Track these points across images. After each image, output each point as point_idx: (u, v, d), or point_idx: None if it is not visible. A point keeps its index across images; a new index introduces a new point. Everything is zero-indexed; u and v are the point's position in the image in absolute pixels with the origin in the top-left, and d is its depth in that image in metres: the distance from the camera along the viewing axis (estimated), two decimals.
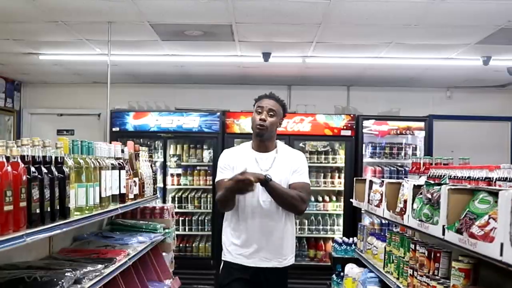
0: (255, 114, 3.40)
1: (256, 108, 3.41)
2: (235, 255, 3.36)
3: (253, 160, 3.36)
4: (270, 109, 3.37)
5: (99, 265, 2.84)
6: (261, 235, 3.31)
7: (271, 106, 3.38)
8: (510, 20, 4.48)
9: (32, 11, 4.52)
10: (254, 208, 3.30)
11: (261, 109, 3.37)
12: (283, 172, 3.36)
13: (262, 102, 3.41)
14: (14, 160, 2.03)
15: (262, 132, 3.35)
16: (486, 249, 1.94)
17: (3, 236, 1.89)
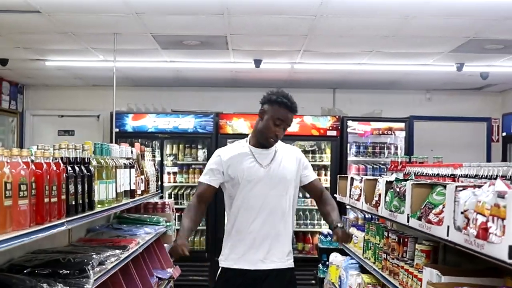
0: (271, 123, 3.10)
1: (275, 118, 3.10)
2: (236, 259, 3.14)
3: (252, 156, 3.17)
4: (288, 125, 3.17)
5: (116, 250, 3.31)
6: (269, 233, 3.13)
7: (290, 122, 3.17)
8: (476, 32, 4.99)
9: (46, 24, 4.94)
10: (257, 204, 3.13)
11: (281, 122, 3.11)
12: (286, 166, 3.20)
13: (285, 115, 3.11)
14: (56, 161, 2.49)
15: (272, 144, 3.19)
16: (437, 231, 2.43)
17: (51, 222, 2.35)
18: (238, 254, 3.14)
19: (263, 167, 3.15)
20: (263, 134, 3.15)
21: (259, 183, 3.12)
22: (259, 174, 3.14)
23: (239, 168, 3.14)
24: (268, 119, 3.11)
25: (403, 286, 3.08)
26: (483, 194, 2.00)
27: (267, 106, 3.14)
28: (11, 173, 2.02)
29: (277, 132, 3.12)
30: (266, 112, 3.14)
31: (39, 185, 2.25)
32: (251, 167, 3.15)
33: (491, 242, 1.84)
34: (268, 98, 3.16)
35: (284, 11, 4.48)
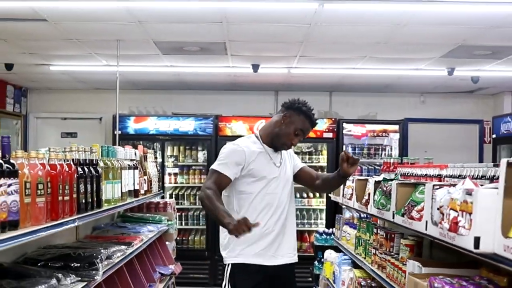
0: (293, 132, 3.21)
1: (298, 128, 3.21)
2: (251, 255, 3.14)
3: (268, 155, 3.23)
4: (304, 138, 3.31)
5: (122, 246, 3.53)
6: (281, 229, 3.21)
7: (307, 135, 3.31)
8: (465, 39, 5.22)
9: (52, 31, 5.16)
10: (274, 202, 3.19)
11: (301, 134, 3.23)
12: (288, 165, 3.34)
13: (308, 129, 3.26)
14: (68, 162, 2.71)
15: (282, 150, 3.30)
16: (417, 226, 2.65)
17: (64, 219, 2.57)
18: (255, 250, 3.13)
19: (277, 167, 3.23)
20: (281, 139, 3.22)
21: (275, 182, 3.19)
22: (276, 173, 3.20)
23: (261, 166, 3.17)
24: (290, 127, 3.19)
25: (390, 278, 3.30)
26: (456, 192, 2.22)
27: (294, 113, 3.21)
28: (30, 173, 2.24)
29: (294, 142, 3.23)
30: (290, 119, 3.20)
31: (53, 184, 2.47)
32: (270, 166, 3.21)
33: (460, 234, 2.06)
34: (296, 107, 3.21)
35: (280, 20, 4.71)
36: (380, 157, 7.92)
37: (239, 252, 3.14)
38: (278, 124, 3.24)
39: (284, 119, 3.22)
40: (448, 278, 2.42)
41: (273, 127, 3.26)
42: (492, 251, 1.89)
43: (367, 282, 3.93)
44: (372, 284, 3.87)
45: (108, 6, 4.39)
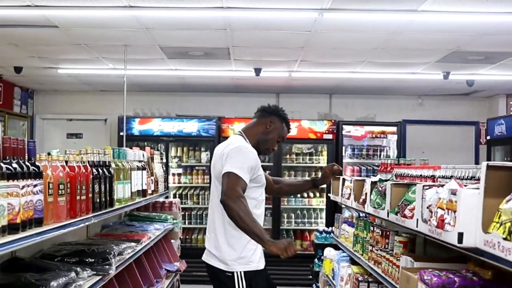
0: (276, 139, 3.34)
1: (281, 136, 3.36)
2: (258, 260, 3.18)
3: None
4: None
5: (132, 243, 3.73)
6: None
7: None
8: (458, 46, 5.42)
9: (62, 37, 5.37)
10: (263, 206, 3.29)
11: (282, 141, 3.39)
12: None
13: (286, 137, 3.43)
14: (84, 164, 2.91)
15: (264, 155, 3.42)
16: (409, 224, 2.85)
17: (81, 216, 2.78)
18: (261, 254, 3.18)
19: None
20: (266, 144, 3.30)
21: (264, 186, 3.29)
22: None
23: (262, 172, 3.22)
24: (275, 134, 3.31)
25: (385, 273, 3.50)
26: (443, 192, 2.43)
27: (277, 120, 3.32)
28: (52, 174, 2.44)
29: (276, 148, 3.36)
30: (275, 126, 3.31)
31: (72, 185, 2.67)
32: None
33: (446, 231, 2.27)
34: (280, 114, 3.34)
35: (282, 27, 4.91)
36: (379, 158, 8.13)
37: (250, 258, 3.09)
38: (263, 129, 3.29)
39: (269, 125, 3.30)
40: (436, 271, 2.62)
41: (259, 132, 3.30)
42: (474, 245, 2.09)
43: (364, 278, 4.13)
44: (369, 279, 4.07)
45: (117, 14, 4.58)
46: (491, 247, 1.94)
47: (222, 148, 3.22)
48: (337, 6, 4.25)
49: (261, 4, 4.27)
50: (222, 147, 3.23)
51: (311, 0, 4.16)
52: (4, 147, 2.05)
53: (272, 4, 4.27)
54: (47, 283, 2.34)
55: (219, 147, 3.29)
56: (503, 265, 1.88)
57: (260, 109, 3.40)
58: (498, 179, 2.06)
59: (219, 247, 3.11)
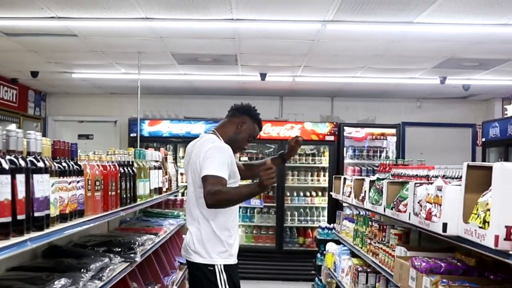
0: (247, 138, 3.38)
1: (252, 135, 3.39)
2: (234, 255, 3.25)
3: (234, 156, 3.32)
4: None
5: (152, 235, 4.09)
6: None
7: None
8: (453, 53, 5.78)
9: (79, 44, 5.73)
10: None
11: (253, 140, 3.44)
12: None
13: (258, 135, 3.46)
14: (113, 163, 3.27)
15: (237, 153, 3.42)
16: (403, 217, 3.21)
17: (112, 210, 3.13)
18: (235, 249, 3.26)
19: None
20: (237, 143, 3.33)
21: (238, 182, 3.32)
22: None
23: (235, 167, 3.24)
24: (246, 133, 3.34)
25: (382, 263, 3.85)
26: (431, 188, 2.78)
27: (249, 120, 3.34)
28: (90, 172, 2.79)
29: (247, 147, 3.44)
30: (247, 126, 3.34)
31: (105, 181, 3.02)
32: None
33: (433, 222, 2.62)
34: (251, 114, 3.36)
35: (287, 36, 5.27)
36: (379, 159, 8.45)
37: (231, 252, 3.19)
38: (235, 129, 3.32)
39: (241, 126, 3.32)
40: (426, 258, 2.97)
41: (231, 132, 3.32)
42: (456, 234, 2.45)
43: (363, 268, 4.48)
44: (368, 270, 4.42)
45: (134, 24, 4.94)
46: (470, 234, 2.29)
47: (197, 147, 3.27)
48: (339, 18, 4.61)
49: (268, 16, 4.62)
50: (197, 146, 3.28)
51: (314, 13, 4.51)
52: (55, 149, 2.40)
53: (279, 16, 4.62)
54: (87, 266, 2.69)
55: (192, 145, 3.40)
56: (479, 249, 2.24)
57: (233, 109, 3.43)
58: (477, 177, 2.42)
59: (201, 241, 3.17)
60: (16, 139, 1.91)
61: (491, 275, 2.70)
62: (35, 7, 4.48)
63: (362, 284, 4.45)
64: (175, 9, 4.44)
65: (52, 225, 2.21)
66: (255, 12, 4.53)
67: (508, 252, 1.98)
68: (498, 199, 2.07)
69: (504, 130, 7.28)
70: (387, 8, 4.32)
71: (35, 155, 2.07)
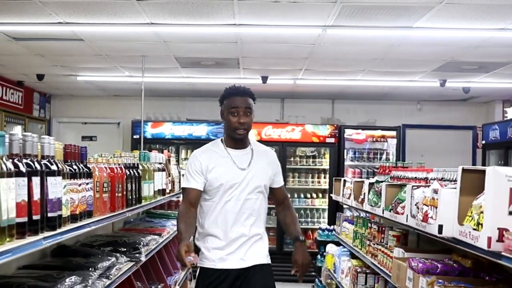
0: (230, 116, 3.09)
1: (230, 110, 3.09)
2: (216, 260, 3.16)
3: (230, 159, 3.13)
4: (246, 108, 3.08)
5: (155, 236, 4.19)
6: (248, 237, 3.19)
7: (246, 104, 3.08)
8: (452, 56, 5.87)
9: (85, 49, 5.83)
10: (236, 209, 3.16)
11: (237, 110, 3.07)
12: (262, 170, 3.19)
13: (236, 101, 3.09)
14: (120, 166, 3.36)
15: (242, 135, 3.12)
16: (401, 219, 3.30)
17: (119, 211, 3.23)
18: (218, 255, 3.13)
19: (241, 169, 3.12)
20: (229, 129, 3.14)
21: (238, 187, 3.10)
22: (239, 178, 3.11)
23: (220, 173, 3.10)
24: (226, 114, 3.13)
25: (380, 264, 3.94)
26: (428, 191, 2.87)
27: (222, 104, 3.21)
28: (99, 175, 2.89)
29: (240, 120, 3.06)
30: (223, 110, 3.19)
31: (112, 183, 3.12)
32: (232, 170, 3.11)
33: (429, 224, 2.71)
34: (220, 99, 3.25)
35: (288, 41, 5.37)
36: (379, 161, 8.54)
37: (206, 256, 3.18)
38: (224, 121, 3.24)
39: (222, 117, 3.25)
40: (423, 259, 3.06)
41: (225, 125, 3.27)
42: (452, 235, 2.54)
43: (362, 269, 4.57)
44: (367, 271, 4.51)
45: (139, 29, 5.04)
46: (464, 236, 2.39)
47: None
48: (340, 23, 4.70)
49: (270, 21, 4.72)
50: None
51: (315, 18, 4.61)
52: (66, 152, 2.50)
53: (280, 21, 4.71)
54: (95, 265, 2.79)
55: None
56: (473, 250, 2.33)
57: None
58: (472, 180, 2.51)
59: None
60: (32, 143, 2.01)
61: (487, 276, 2.78)
62: (44, 13, 4.58)
63: (361, 285, 4.55)
64: (180, 14, 4.54)
65: (64, 225, 2.31)
66: (257, 17, 4.62)
67: (501, 253, 2.07)
68: (490, 202, 2.16)
69: (504, 133, 7.36)
70: (387, 13, 4.42)
71: (49, 159, 2.17)
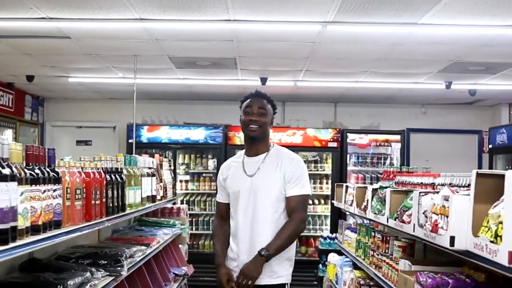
0: (244, 115, 3.15)
1: (244, 109, 3.17)
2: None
3: (241, 166, 3.19)
4: (260, 108, 3.14)
5: (142, 246, 3.89)
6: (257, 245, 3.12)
7: (261, 105, 3.15)
8: (458, 56, 5.58)
9: (73, 47, 5.56)
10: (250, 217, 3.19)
11: (250, 109, 3.13)
12: (270, 175, 3.12)
13: (250, 102, 3.17)
14: (98, 170, 3.07)
15: (255, 134, 3.11)
16: (407, 229, 3.00)
17: (96, 220, 2.93)
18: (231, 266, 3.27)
19: (248, 176, 3.15)
20: (244, 129, 3.20)
21: (246, 193, 3.11)
22: (246, 184, 3.13)
23: (232, 181, 3.22)
24: (242, 115, 3.20)
25: (385, 277, 3.64)
26: (437, 198, 2.57)
27: (241, 108, 3.26)
28: (70, 180, 2.60)
29: (251, 118, 3.09)
30: (241, 113, 3.24)
31: (88, 190, 2.82)
32: (241, 177, 3.17)
33: (439, 235, 2.41)
34: (241, 104, 3.30)
35: (287, 39, 5.09)
36: (383, 166, 8.25)
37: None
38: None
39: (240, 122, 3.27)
40: (432, 273, 2.76)
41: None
42: (465, 248, 2.23)
43: (366, 282, 4.26)
44: (370, 283, 4.21)
45: (128, 26, 4.76)
46: (480, 249, 2.08)
47: None
48: (340, 19, 4.42)
49: (266, 16, 4.44)
50: None
51: (314, 13, 4.32)
52: (28, 154, 2.21)
53: (277, 17, 4.43)
54: (65, 282, 2.49)
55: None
56: (490, 266, 2.02)
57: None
58: (487, 186, 2.21)
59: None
60: None
61: None
62: (24, 7, 4.31)
63: None
64: (169, 9, 4.26)
65: (21, 238, 2.02)
66: (252, 13, 4.35)
67: None
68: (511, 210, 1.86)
69: None
70: (390, 9, 4.13)
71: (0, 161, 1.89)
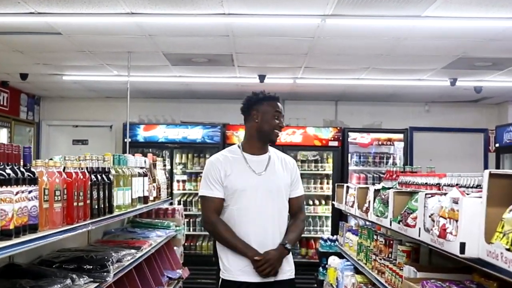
0: (273, 119, 3.13)
1: (274, 113, 3.14)
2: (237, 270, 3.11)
3: (245, 164, 3.15)
4: (283, 115, 3.23)
5: (132, 250, 3.70)
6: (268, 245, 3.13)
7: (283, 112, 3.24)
8: (464, 51, 5.37)
9: (66, 44, 5.37)
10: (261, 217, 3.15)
11: (279, 114, 3.16)
12: (280, 175, 3.19)
13: (279, 106, 3.18)
14: (82, 170, 2.88)
15: (277, 139, 3.21)
16: (412, 233, 2.80)
17: (79, 223, 2.74)
18: (240, 266, 3.08)
19: (257, 174, 3.13)
20: (269, 132, 3.13)
21: (255, 191, 3.09)
22: (254, 182, 3.10)
23: (236, 178, 3.10)
24: (268, 117, 3.12)
25: (388, 283, 3.44)
26: (445, 200, 2.37)
27: (259, 106, 3.14)
28: (48, 181, 2.41)
29: (281, 124, 3.14)
30: (261, 112, 3.13)
31: (69, 191, 2.63)
32: (248, 175, 3.12)
33: (448, 240, 2.21)
34: (255, 101, 3.17)
35: (284, 34, 4.89)
36: (385, 166, 8.05)
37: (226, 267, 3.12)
38: (256, 125, 3.15)
39: (255, 117, 3.15)
40: (439, 282, 2.56)
41: (250, 131, 3.21)
42: (477, 256, 2.03)
43: (367, 287, 4.07)
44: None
45: (120, 21, 4.57)
46: (494, 258, 1.88)
47: None
48: (339, 12, 4.22)
49: (262, 10, 4.24)
50: None
51: (312, 6, 4.13)
52: None
53: (273, 10, 4.24)
54: None
55: None
56: (506, 276, 1.83)
57: (241, 113, 3.31)
58: (501, 187, 2.01)
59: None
60: None
61: None
62: (11, 1, 4.12)
63: None
64: (161, 2, 4.07)
65: None
66: (248, 6, 4.15)
67: None
68: None
69: None
70: (392, 0, 3.93)
71: None
